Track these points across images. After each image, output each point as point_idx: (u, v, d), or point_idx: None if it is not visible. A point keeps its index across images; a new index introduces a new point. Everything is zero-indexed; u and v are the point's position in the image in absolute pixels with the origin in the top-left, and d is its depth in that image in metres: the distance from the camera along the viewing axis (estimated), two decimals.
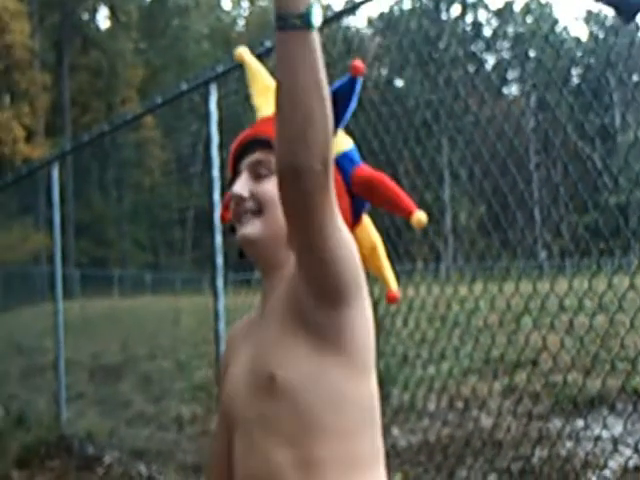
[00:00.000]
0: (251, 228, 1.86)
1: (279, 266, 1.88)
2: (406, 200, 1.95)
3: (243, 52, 2.21)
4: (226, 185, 1.99)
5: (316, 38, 1.51)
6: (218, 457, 2.03)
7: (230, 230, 1.97)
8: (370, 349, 1.80)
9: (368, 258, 2.04)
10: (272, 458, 1.71)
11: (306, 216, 1.58)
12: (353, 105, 1.94)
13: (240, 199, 1.88)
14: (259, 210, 1.87)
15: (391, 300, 2.07)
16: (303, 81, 1.49)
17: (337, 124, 1.91)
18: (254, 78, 2.15)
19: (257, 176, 1.89)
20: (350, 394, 1.74)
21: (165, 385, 11.02)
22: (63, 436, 8.45)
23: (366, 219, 2.07)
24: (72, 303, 16.83)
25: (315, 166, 1.52)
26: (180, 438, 8.10)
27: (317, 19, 1.49)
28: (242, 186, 1.88)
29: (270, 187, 1.84)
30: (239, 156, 1.96)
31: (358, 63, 1.88)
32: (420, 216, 1.92)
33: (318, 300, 1.71)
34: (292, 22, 1.48)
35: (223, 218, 2.08)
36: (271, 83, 2.13)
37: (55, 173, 9.27)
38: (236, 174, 1.96)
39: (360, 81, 1.91)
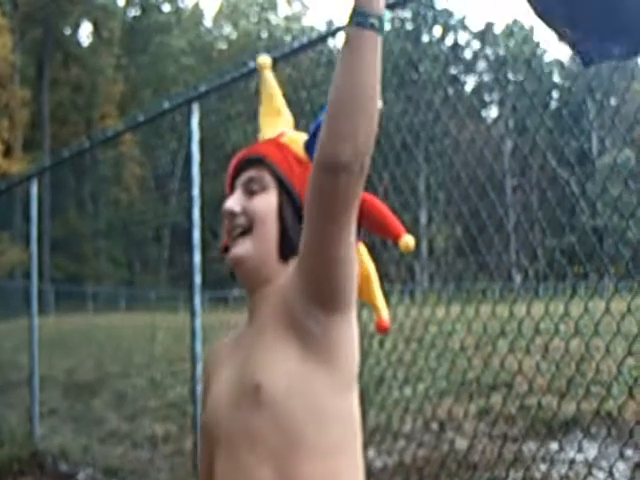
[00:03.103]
0: (241, 248, 1.89)
1: (269, 280, 1.90)
2: (395, 223, 2.00)
3: (266, 62, 2.22)
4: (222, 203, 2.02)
5: (380, 39, 1.58)
6: (204, 472, 2.02)
7: (223, 251, 1.98)
8: (355, 364, 1.82)
9: (361, 286, 2.05)
10: (255, 475, 1.71)
11: (331, 212, 1.62)
12: None
13: (232, 214, 1.91)
14: (249, 227, 1.89)
15: (381, 330, 2.08)
16: (366, 81, 1.55)
17: None
18: (267, 96, 2.18)
19: (249, 192, 1.93)
20: (334, 409, 1.75)
21: (139, 403, 10.98)
22: (36, 452, 8.39)
23: (361, 247, 2.09)
24: (46, 319, 16.77)
25: (354, 166, 1.57)
26: (154, 456, 8.07)
27: (386, 24, 1.59)
28: (234, 202, 1.92)
29: (261, 203, 1.89)
30: (236, 174, 2.00)
31: None
32: (408, 240, 1.97)
33: (312, 304, 1.73)
34: (371, 21, 1.55)
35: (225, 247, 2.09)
36: (281, 107, 2.15)
37: (34, 189, 9.24)
38: (232, 192, 1.99)
39: None
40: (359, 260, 2.07)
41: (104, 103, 63.36)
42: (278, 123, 2.11)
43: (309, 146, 1.92)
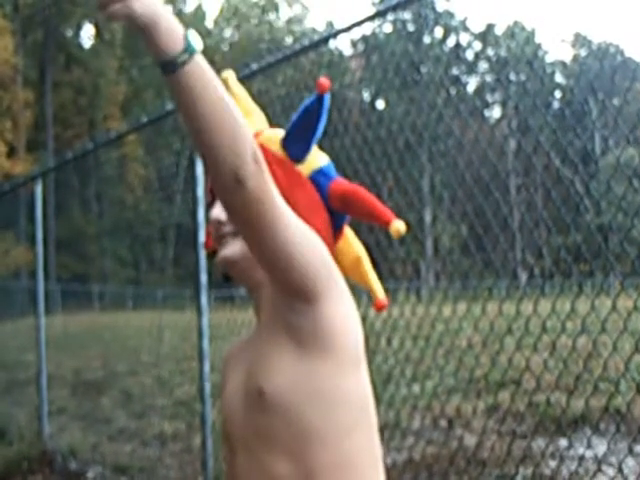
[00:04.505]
0: (230, 249, 1.89)
1: (262, 283, 1.90)
2: (383, 210, 1.97)
3: (228, 76, 2.22)
4: (207, 209, 2.03)
5: (200, 55, 1.50)
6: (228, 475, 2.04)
7: (210, 255, 1.99)
8: (355, 341, 1.81)
9: (353, 269, 2.06)
10: (273, 473, 1.73)
11: (256, 218, 1.60)
12: (323, 121, 1.96)
13: (218, 223, 1.91)
14: (237, 232, 1.88)
15: (379, 308, 2.06)
16: (213, 102, 1.50)
17: (310, 141, 1.96)
18: (235, 101, 2.17)
19: None
20: (342, 393, 1.75)
21: (147, 401, 10.98)
22: (45, 451, 8.37)
23: (348, 231, 2.09)
24: (53, 318, 16.79)
25: (251, 166, 1.54)
26: (163, 454, 8.08)
27: (197, 42, 1.50)
28: (220, 210, 1.91)
29: None
30: None
31: (323, 81, 1.90)
32: (398, 225, 1.94)
33: (290, 300, 1.73)
34: (180, 60, 1.46)
35: (207, 245, 2.11)
36: (250, 106, 2.15)
37: (39, 190, 9.22)
38: (215, 198, 1.98)
39: (328, 98, 1.92)
40: (348, 244, 2.08)
41: (107, 105, 63.35)
42: (251, 122, 2.10)
43: (286, 143, 1.93)
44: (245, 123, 1.56)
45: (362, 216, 1.98)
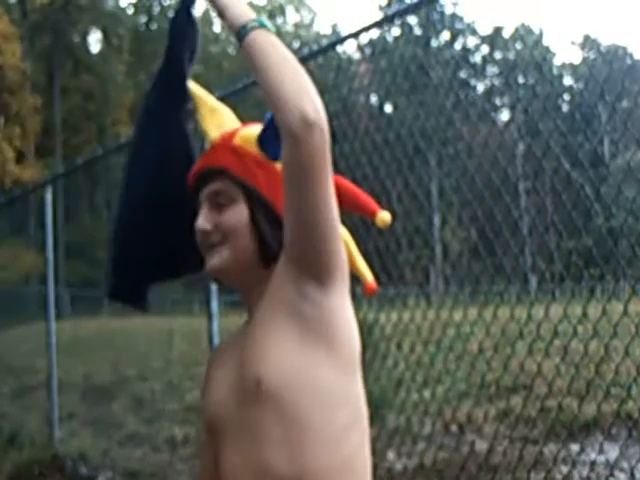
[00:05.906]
0: (218, 258, 1.90)
1: (255, 285, 1.91)
2: (368, 201, 2.01)
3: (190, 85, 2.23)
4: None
5: (271, 32, 1.79)
6: (207, 471, 2.02)
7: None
8: (355, 347, 1.83)
9: None
10: (267, 470, 1.72)
11: (309, 179, 1.67)
12: None
13: (204, 233, 1.91)
14: (224, 240, 1.89)
15: (370, 292, 2.08)
16: (280, 59, 1.72)
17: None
18: (199, 103, 2.17)
19: (218, 206, 1.92)
20: (339, 392, 1.76)
21: (157, 406, 10.97)
22: (56, 456, 8.38)
23: None
24: (63, 323, 16.79)
25: (315, 113, 1.65)
26: (173, 459, 8.07)
27: (268, 22, 1.79)
28: (205, 219, 1.91)
29: (232, 216, 1.89)
30: (198, 186, 1.99)
31: None
32: (384, 215, 1.99)
33: (305, 283, 1.76)
34: (250, 26, 1.76)
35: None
36: (216, 104, 2.16)
37: (49, 196, 9.22)
38: (197, 204, 1.99)
39: None
40: None
41: (115, 110, 63.50)
42: (219, 120, 2.11)
43: (262, 143, 1.93)
44: (310, 83, 1.71)
45: (347, 207, 1.99)
